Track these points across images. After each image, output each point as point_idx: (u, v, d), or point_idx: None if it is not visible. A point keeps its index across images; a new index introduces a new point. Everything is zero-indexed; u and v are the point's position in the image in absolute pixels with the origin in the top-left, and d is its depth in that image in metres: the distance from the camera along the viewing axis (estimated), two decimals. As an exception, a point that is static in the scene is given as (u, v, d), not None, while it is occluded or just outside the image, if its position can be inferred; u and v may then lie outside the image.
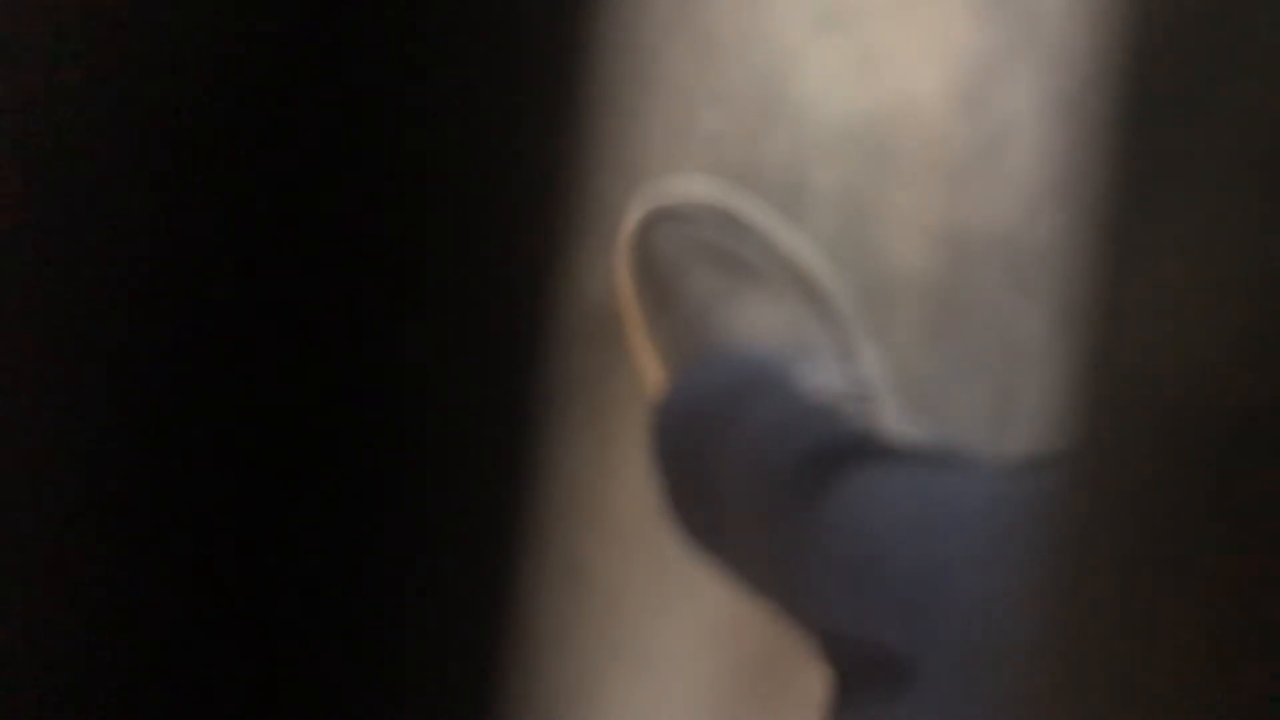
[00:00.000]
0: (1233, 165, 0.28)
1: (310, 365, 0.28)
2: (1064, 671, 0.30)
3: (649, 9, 1.17)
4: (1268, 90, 0.27)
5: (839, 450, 1.00)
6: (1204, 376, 0.28)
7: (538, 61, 0.28)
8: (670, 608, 1.20)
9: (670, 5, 1.18)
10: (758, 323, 1.12)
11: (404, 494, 0.28)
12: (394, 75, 0.27)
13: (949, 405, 1.18)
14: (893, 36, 1.18)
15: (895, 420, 1.13)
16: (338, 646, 0.28)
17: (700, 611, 1.20)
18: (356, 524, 0.28)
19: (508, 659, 0.30)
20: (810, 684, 1.16)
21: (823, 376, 1.09)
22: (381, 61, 0.27)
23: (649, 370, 1.16)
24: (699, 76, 1.18)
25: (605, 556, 1.20)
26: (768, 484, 1.01)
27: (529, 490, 0.30)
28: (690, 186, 1.16)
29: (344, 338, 0.28)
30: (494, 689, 0.30)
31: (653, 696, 1.21)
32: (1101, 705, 0.30)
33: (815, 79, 1.18)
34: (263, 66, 0.27)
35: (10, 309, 0.27)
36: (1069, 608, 0.30)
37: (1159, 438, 0.29)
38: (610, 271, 1.17)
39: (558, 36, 0.28)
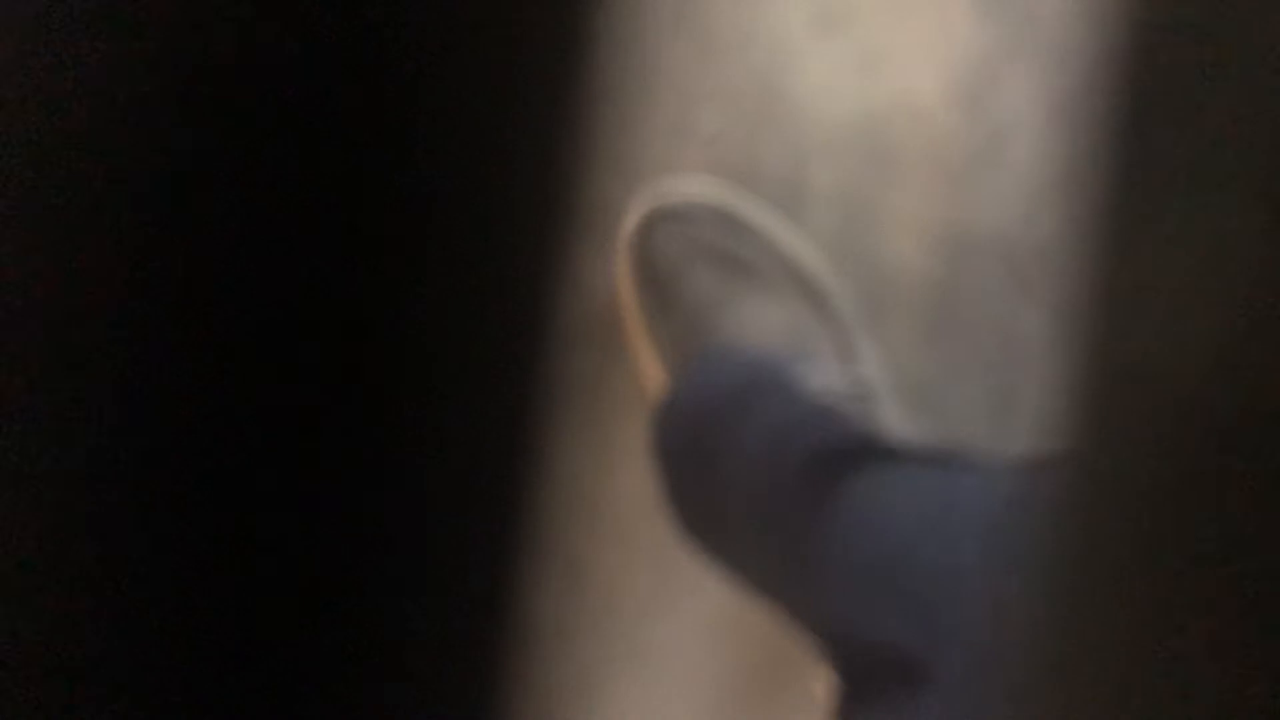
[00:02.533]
0: (1232, 166, 0.28)
1: (310, 365, 0.28)
2: (1064, 671, 0.30)
3: (649, 9, 1.16)
4: (1267, 90, 0.27)
5: (844, 451, 1.00)
6: (1203, 376, 0.28)
7: (537, 61, 0.28)
8: (670, 608, 1.20)
9: (670, 5, 1.18)
10: (758, 323, 1.12)
11: (404, 493, 0.28)
12: (394, 75, 0.27)
13: (949, 405, 1.18)
14: (893, 36, 1.18)
15: (895, 420, 1.13)
16: (338, 646, 0.28)
17: (700, 611, 1.20)
18: (356, 523, 0.28)
19: (508, 659, 0.30)
20: (810, 685, 1.16)
21: (823, 377, 1.08)
22: (381, 61, 0.27)
23: (649, 370, 1.15)
24: (699, 76, 1.18)
25: (605, 556, 1.20)
26: (773, 484, 1.01)
27: (529, 490, 0.30)
28: (690, 186, 1.16)
29: (344, 337, 0.28)
30: (494, 689, 0.30)
31: (653, 696, 1.20)
32: (1100, 704, 0.30)
33: (815, 79, 1.18)
34: (262, 67, 0.27)
35: (10, 308, 0.27)
36: (1069, 607, 0.30)
37: (1159, 437, 0.29)
38: (610, 271, 1.17)
39: (557, 36, 0.28)
